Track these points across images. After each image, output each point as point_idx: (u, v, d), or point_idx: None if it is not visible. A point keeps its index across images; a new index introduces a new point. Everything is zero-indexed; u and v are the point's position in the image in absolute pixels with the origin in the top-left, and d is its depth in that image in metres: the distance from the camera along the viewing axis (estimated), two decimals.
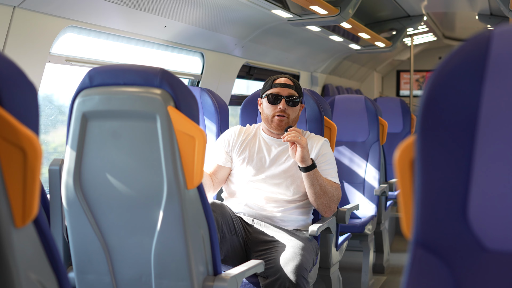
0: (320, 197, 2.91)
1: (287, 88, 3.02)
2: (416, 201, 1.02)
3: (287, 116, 3.00)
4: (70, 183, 2.12)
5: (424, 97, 1.01)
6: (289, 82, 3.05)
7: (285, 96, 3.00)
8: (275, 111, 3.00)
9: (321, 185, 2.90)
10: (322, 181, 2.90)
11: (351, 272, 4.60)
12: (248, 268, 2.30)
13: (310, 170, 2.87)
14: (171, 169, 1.98)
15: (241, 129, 3.13)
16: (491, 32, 1.01)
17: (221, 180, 3.08)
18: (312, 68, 8.07)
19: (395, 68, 12.67)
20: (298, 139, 2.82)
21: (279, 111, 2.99)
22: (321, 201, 2.92)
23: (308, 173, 2.87)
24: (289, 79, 3.08)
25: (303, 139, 2.84)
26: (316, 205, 2.95)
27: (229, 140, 3.09)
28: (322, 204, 2.94)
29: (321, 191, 2.90)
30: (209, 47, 4.94)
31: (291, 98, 3.00)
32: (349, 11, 5.09)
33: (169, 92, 1.99)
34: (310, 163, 2.87)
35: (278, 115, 2.99)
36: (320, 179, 2.90)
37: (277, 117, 3.00)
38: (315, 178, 2.88)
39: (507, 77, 0.98)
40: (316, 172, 2.89)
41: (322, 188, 2.90)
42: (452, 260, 1.01)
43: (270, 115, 3.02)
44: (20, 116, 1.09)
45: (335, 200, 2.97)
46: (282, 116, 2.99)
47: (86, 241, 2.16)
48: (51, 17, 3.08)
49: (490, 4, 6.40)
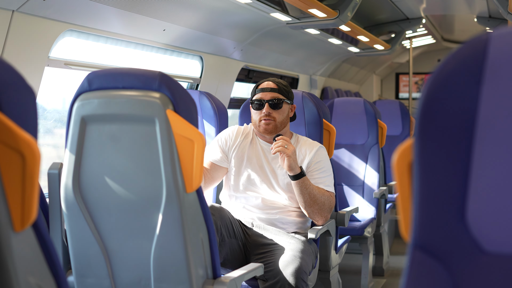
0: (310, 205, 2.90)
1: (270, 92, 3.04)
2: (415, 204, 1.02)
3: (273, 119, 3.02)
4: (69, 186, 2.12)
5: (422, 99, 1.01)
6: (272, 86, 3.06)
7: (267, 100, 3.03)
8: (260, 116, 3.03)
9: (311, 194, 2.89)
10: (312, 190, 2.90)
11: (351, 275, 4.60)
12: (247, 271, 2.30)
13: (298, 179, 2.87)
14: (170, 173, 1.98)
15: (239, 129, 3.13)
16: (489, 34, 1.01)
17: (213, 179, 3.07)
18: (311, 71, 8.07)
19: (394, 70, 12.67)
20: (284, 149, 2.83)
21: (263, 116, 3.01)
22: (311, 210, 2.92)
23: (297, 181, 2.88)
24: (274, 82, 3.09)
25: (290, 148, 2.85)
26: (307, 213, 2.95)
27: (226, 139, 3.09)
28: (312, 213, 2.93)
29: (311, 200, 2.89)
30: (208, 50, 4.94)
31: (274, 101, 3.02)
32: (348, 14, 5.09)
33: (168, 95, 2.00)
34: (298, 172, 2.87)
35: (264, 119, 3.01)
36: (310, 187, 2.89)
37: (263, 121, 3.02)
38: (304, 186, 2.88)
39: (505, 79, 0.98)
40: (305, 180, 2.88)
41: (311, 196, 2.89)
42: (450, 262, 1.01)
43: (257, 120, 3.04)
44: (18, 120, 1.09)
45: (326, 209, 2.95)
46: (268, 119, 3.01)
47: (85, 245, 2.16)
48: (50, 21, 3.08)
49: (488, 7, 6.40)
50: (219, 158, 3.06)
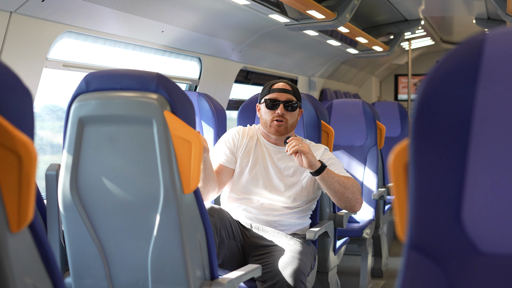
0: (343, 193, 2.84)
1: (285, 93, 3.01)
2: (410, 204, 1.02)
3: (285, 121, 2.99)
4: (66, 188, 2.12)
5: (418, 100, 1.01)
6: (287, 87, 3.04)
7: (283, 101, 2.99)
8: (273, 116, 2.99)
9: (339, 182, 2.84)
10: (338, 178, 2.85)
11: (349, 276, 4.60)
12: (245, 272, 2.30)
13: (321, 172, 2.82)
14: (167, 174, 1.98)
15: (244, 130, 3.09)
16: (485, 35, 1.01)
17: (224, 182, 3.01)
18: (310, 73, 8.07)
19: (393, 72, 12.68)
20: (300, 147, 2.79)
21: (277, 116, 2.98)
22: (346, 197, 2.85)
23: (321, 175, 2.82)
24: (288, 84, 3.07)
25: (305, 145, 2.80)
26: (344, 204, 2.88)
27: (234, 140, 3.04)
28: (348, 200, 2.87)
29: (341, 187, 2.84)
30: (207, 52, 4.94)
31: (289, 103, 2.99)
32: (346, 15, 5.10)
33: (165, 96, 2.00)
34: (319, 165, 2.82)
35: (276, 120, 2.99)
36: (336, 176, 2.84)
37: (276, 122, 2.98)
38: (330, 177, 2.83)
39: (501, 80, 0.99)
40: (328, 171, 2.83)
41: (341, 184, 2.84)
42: (446, 263, 1.01)
43: (269, 120, 3.00)
44: (15, 121, 1.09)
45: (357, 191, 2.89)
46: (280, 121, 2.98)
47: (83, 246, 2.16)
48: (48, 22, 3.08)
49: (487, 8, 6.41)
50: (228, 159, 3.01)
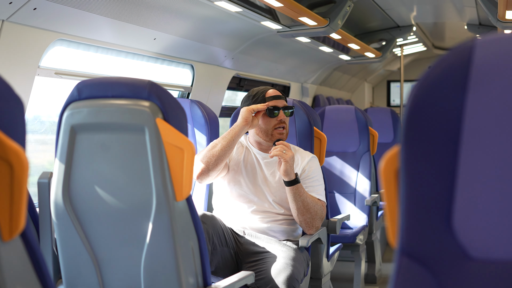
0: (303, 213, 2.88)
1: (281, 100, 3.04)
2: (401, 210, 1.02)
3: (286, 127, 3.02)
4: (59, 196, 2.12)
5: (408, 107, 1.02)
6: (279, 94, 3.06)
7: (282, 107, 3.02)
8: (275, 123, 3.01)
9: (304, 201, 2.87)
10: (306, 198, 2.88)
11: (343, 282, 4.60)
12: (238, 279, 2.30)
13: (293, 185, 2.86)
14: (160, 181, 1.98)
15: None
16: (474, 41, 1.01)
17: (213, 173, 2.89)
18: (302, 79, 8.08)
19: (386, 78, 12.71)
20: (282, 154, 2.83)
21: (279, 123, 3.00)
22: (303, 218, 2.90)
23: (291, 188, 2.86)
24: (276, 90, 3.09)
25: (289, 153, 2.83)
26: (299, 221, 2.93)
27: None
28: (304, 221, 2.91)
29: (304, 208, 2.88)
30: (199, 59, 4.94)
31: (288, 109, 3.02)
32: (338, 22, 5.11)
33: (158, 104, 2.00)
34: (293, 178, 2.86)
35: (279, 126, 3.00)
36: (304, 195, 2.88)
37: (278, 129, 3.00)
38: (298, 193, 2.86)
39: (490, 86, 0.99)
40: (299, 187, 2.87)
41: (304, 204, 2.88)
42: (437, 269, 1.01)
43: (270, 128, 3.01)
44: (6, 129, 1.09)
45: (317, 218, 2.93)
46: (282, 128, 3.01)
47: (76, 254, 2.15)
48: (40, 30, 3.08)
49: (478, 14, 6.44)
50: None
